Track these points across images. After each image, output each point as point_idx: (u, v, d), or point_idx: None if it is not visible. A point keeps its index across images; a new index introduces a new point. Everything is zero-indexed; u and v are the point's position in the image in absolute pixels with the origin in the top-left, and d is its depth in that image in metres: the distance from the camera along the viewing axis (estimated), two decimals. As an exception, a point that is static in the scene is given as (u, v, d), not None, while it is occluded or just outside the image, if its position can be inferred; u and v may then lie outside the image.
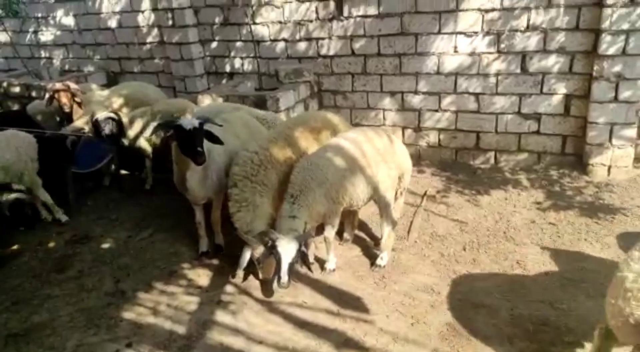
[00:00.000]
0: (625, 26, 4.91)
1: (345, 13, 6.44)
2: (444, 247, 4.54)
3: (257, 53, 7.11)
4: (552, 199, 5.21)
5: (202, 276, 4.45)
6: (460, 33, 5.91)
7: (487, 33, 5.78)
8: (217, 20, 7.34)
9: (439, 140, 6.55)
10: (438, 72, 6.21)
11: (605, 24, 4.99)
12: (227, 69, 7.62)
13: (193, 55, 7.52)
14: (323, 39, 6.73)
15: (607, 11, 4.94)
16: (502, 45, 5.76)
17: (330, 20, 6.57)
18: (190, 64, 7.58)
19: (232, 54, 7.47)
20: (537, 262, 4.22)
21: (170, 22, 7.39)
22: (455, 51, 6.02)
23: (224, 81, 7.68)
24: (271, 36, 7.05)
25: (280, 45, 7.05)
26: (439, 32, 6.01)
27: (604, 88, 5.23)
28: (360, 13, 6.34)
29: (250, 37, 7.18)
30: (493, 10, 5.65)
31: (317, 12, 6.62)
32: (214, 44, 7.54)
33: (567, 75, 5.58)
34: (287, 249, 3.52)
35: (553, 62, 5.58)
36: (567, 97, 5.65)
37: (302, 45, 6.91)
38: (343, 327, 3.65)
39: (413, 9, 6.04)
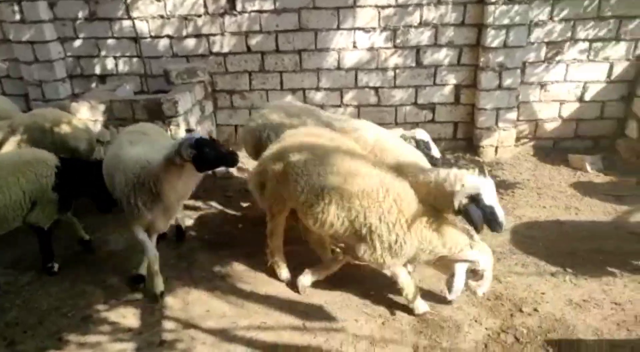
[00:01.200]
0: (505, 21, 5.53)
1: (239, 8, 6.04)
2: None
3: (140, 52, 6.26)
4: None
5: (128, 316, 3.72)
6: (359, 29, 6.01)
7: (384, 29, 5.98)
8: (80, 14, 6.26)
9: (344, 135, 6.59)
10: (339, 68, 6.24)
11: (489, 20, 5.55)
12: (97, 70, 6.57)
13: (52, 56, 6.30)
14: (215, 35, 6.22)
15: (490, 8, 5.50)
16: (398, 41, 6.02)
17: (222, 15, 6.11)
18: (48, 67, 6.34)
19: (103, 53, 6.46)
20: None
21: (17, 17, 6.07)
22: (355, 47, 6.11)
23: (93, 85, 6.61)
24: (152, 32, 6.28)
25: (164, 42, 6.32)
26: (338, 28, 6.03)
27: (489, 77, 5.83)
28: (255, 8, 6.02)
29: (125, 33, 6.29)
30: (389, 6, 5.86)
31: (205, 6, 6.08)
32: (78, 43, 6.43)
33: (456, 67, 6.08)
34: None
35: (444, 55, 6.03)
36: (457, 87, 6.17)
37: (191, 42, 6.29)
38: (316, 341, 3.37)
39: (311, 5, 5.94)
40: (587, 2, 5.57)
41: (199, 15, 6.14)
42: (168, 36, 6.28)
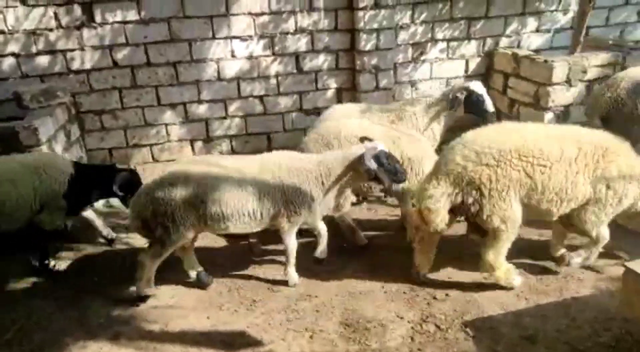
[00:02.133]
0: (375, 25, 5.84)
1: (98, 19, 5.46)
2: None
3: None
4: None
5: None
6: (236, 37, 5.84)
7: (261, 36, 5.90)
8: None
9: (232, 147, 6.38)
10: (220, 79, 6.00)
11: (361, 25, 5.82)
12: None
13: None
14: (72, 50, 5.54)
15: (360, 14, 5.76)
16: (277, 48, 6.00)
17: (79, 28, 5.46)
18: None
19: None
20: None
21: None
22: (234, 56, 5.93)
23: None
24: (-10, 51, 5.37)
25: (9, 61, 5.44)
26: (214, 38, 5.79)
27: (367, 79, 6.11)
28: (118, 19, 5.49)
29: (-47, 53, 5.28)
30: (263, 14, 5.80)
31: (57, 19, 5.38)
32: None
33: (335, 71, 6.26)
34: None
35: (322, 61, 6.17)
36: (338, 91, 6.36)
37: (43, 60, 5.52)
38: (246, 371, 3.20)
39: (181, 14, 5.61)
40: (441, 5, 6.15)
41: (51, 29, 5.41)
42: (13, 54, 5.42)
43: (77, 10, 5.38)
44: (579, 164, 3.33)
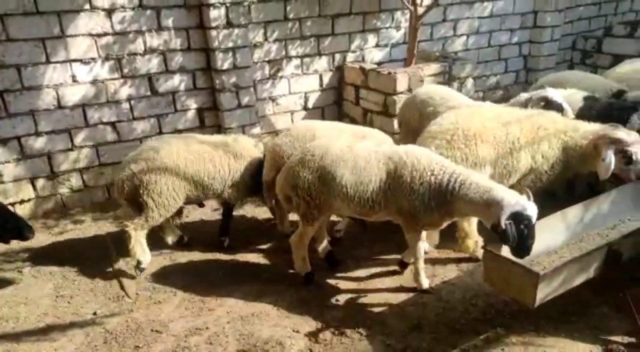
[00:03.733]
0: (230, 44, 5.81)
1: None
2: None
3: None
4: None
5: None
6: (76, 60, 5.27)
7: (107, 58, 5.43)
8: None
9: (84, 181, 5.71)
10: (60, 107, 5.34)
11: (215, 44, 5.73)
12: None
13: None
14: None
15: (214, 33, 5.67)
16: (126, 70, 5.57)
17: None
18: None
19: None
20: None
21: None
22: (75, 81, 5.34)
23: None
24: None
25: None
26: (49, 62, 5.15)
27: (228, 98, 6.02)
28: None
29: None
30: (106, 34, 5.34)
31: None
32: None
33: (194, 91, 6.04)
34: None
35: (178, 81, 5.91)
36: (200, 111, 6.15)
37: None
38: None
39: (3, 36, 4.87)
40: (291, 24, 6.39)
41: None
42: None
43: None
44: None
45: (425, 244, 4.00)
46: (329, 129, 4.59)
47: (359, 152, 3.62)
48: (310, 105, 6.90)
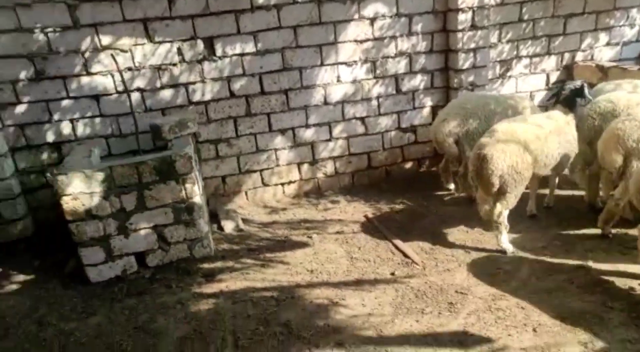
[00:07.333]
0: (472, 45, 6.25)
1: (219, 53, 5.72)
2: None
3: (133, 108, 5.46)
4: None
5: None
6: (342, 63, 6.16)
7: (365, 61, 6.24)
8: (23, 75, 5.25)
9: (336, 168, 6.60)
10: (326, 103, 6.28)
11: (459, 45, 6.21)
12: (50, 138, 5.53)
13: (-15, 128, 5.13)
14: (194, 83, 5.77)
15: (459, 35, 6.17)
16: (378, 71, 6.33)
17: (201, 61, 5.71)
18: (-21, 143, 5.14)
19: (56, 117, 5.48)
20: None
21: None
22: (339, 81, 6.23)
23: (44, 156, 5.55)
24: (118, 87, 5.55)
25: (135, 96, 5.63)
26: (322, 64, 6.10)
27: (464, 96, 6.48)
28: (237, 51, 5.77)
29: (83, 92, 5.46)
30: (367, 40, 6.15)
31: (181, 54, 5.62)
32: (22, 108, 5.36)
33: (430, 90, 6.61)
34: None
35: (419, 81, 6.52)
36: (433, 108, 6.69)
37: (167, 94, 5.73)
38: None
39: (294, 44, 5.92)
40: (525, 25, 6.61)
41: (174, 64, 5.64)
42: (139, 89, 5.63)
43: (200, 45, 5.63)
44: None
45: None
46: None
47: None
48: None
